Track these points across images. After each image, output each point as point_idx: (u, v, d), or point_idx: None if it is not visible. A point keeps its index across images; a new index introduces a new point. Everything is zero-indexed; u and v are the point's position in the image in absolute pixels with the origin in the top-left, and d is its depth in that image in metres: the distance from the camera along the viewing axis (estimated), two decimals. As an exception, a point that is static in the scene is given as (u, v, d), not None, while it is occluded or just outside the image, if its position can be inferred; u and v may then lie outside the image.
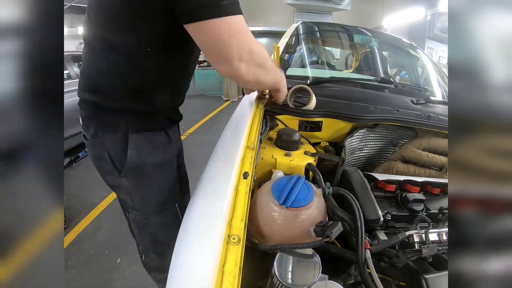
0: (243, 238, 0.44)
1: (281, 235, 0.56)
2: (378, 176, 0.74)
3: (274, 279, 0.47)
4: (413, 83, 1.77)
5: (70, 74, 3.04)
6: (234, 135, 0.75)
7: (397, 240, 0.55)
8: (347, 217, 0.58)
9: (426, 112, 1.02)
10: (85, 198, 2.32)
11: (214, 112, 5.30)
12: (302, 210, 0.56)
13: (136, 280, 1.55)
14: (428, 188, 0.74)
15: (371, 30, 2.01)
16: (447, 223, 0.61)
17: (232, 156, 0.64)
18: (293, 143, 0.83)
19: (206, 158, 0.68)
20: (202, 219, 0.50)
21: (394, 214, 0.64)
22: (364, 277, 0.50)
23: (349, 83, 1.33)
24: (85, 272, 1.59)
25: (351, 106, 1.00)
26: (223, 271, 0.39)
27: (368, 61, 2.01)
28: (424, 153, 0.93)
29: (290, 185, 0.58)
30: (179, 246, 0.47)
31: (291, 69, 1.48)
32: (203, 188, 0.59)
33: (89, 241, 1.84)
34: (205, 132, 4.19)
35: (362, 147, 1.02)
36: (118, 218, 2.08)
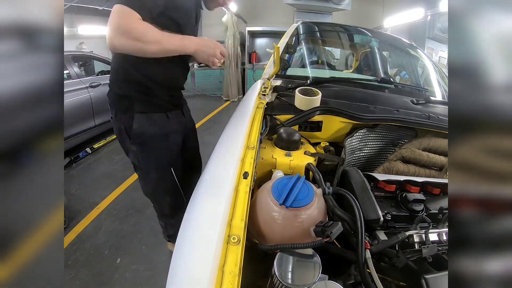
0: (243, 238, 0.44)
1: (281, 235, 0.56)
2: (378, 176, 0.74)
3: (274, 279, 0.47)
4: (413, 83, 1.76)
5: (70, 74, 3.04)
6: (234, 135, 0.75)
7: (397, 240, 0.55)
8: (347, 217, 0.58)
9: (426, 112, 1.02)
10: (85, 198, 2.32)
11: (214, 112, 5.30)
12: (302, 210, 0.56)
13: (136, 280, 1.55)
14: (428, 188, 0.74)
15: (371, 30, 2.01)
16: (447, 223, 0.61)
17: (232, 156, 0.64)
18: (293, 143, 0.83)
19: (206, 158, 0.68)
20: (202, 219, 0.50)
21: (394, 214, 0.64)
22: (364, 277, 0.50)
23: (349, 83, 1.33)
24: (85, 272, 1.59)
25: (351, 106, 1.00)
26: (223, 271, 0.39)
27: (368, 61, 2.01)
28: (424, 153, 0.93)
29: (290, 185, 0.58)
30: (179, 246, 0.47)
31: (291, 69, 1.48)
32: (203, 188, 0.59)
33: (89, 241, 1.84)
34: (205, 132, 4.19)
35: (362, 147, 1.02)
36: (118, 218, 2.08)
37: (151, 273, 1.59)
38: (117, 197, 2.36)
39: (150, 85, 1.00)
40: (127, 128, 1.02)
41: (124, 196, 2.37)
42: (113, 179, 2.61)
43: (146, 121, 1.02)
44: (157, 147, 1.06)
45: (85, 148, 3.13)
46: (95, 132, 3.28)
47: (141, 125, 1.01)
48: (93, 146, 3.24)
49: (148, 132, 1.03)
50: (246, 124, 0.79)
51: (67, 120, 2.72)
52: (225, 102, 6.18)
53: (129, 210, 2.17)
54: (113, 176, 2.67)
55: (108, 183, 2.55)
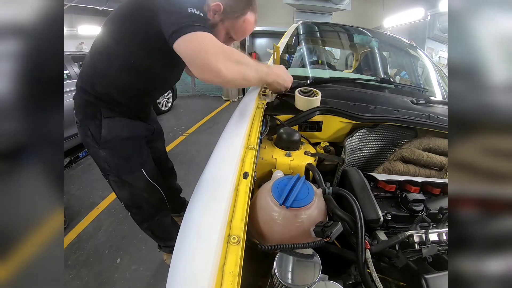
0: (243, 238, 0.44)
1: (281, 235, 0.56)
2: (378, 176, 0.74)
3: (274, 279, 0.47)
4: (413, 83, 1.76)
5: (70, 74, 3.04)
6: (234, 135, 0.75)
7: (397, 240, 0.55)
8: (347, 217, 0.58)
9: (426, 112, 1.02)
10: (85, 198, 2.32)
11: (214, 112, 5.30)
12: (302, 210, 0.56)
13: (136, 280, 1.55)
14: (428, 188, 0.74)
15: (371, 30, 2.01)
16: (447, 223, 0.61)
17: (232, 156, 0.64)
18: (293, 143, 0.83)
19: (206, 158, 0.68)
20: (202, 219, 0.50)
21: (394, 214, 0.64)
22: (364, 277, 0.50)
23: (349, 83, 1.33)
24: (85, 272, 1.59)
25: (351, 106, 1.00)
26: (223, 271, 0.39)
27: (368, 61, 2.01)
28: (424, 153, 0.93)
29: (290, 185, 0.58)
30: (179, 246, 0.47)
31: (291, 69, 1.48)
32: (203, 188, 0.59)
33: (89, 241, 1.84)
34: (205, 132, 4.19)
35: (362, 147, 1.02)
36: (118, 218, 2.08)
37: (151, 273, 1.59)
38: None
39: (117, 95, 0.99)
40: (94, 134, 1.01)
41: (124, 196, 2.37)
42: (113, 179, 2.60)
43: (114, 125, 1.01)
44: (128, 149, 1.07)
45: (85, 148, 3.12)
46: (95, 132, 3.28)
47: (110, 130, 1.00)
48: (93, 146, 3.23)
49: (118, 136, 1.02)
50: (246, 124, 0.79)
51: (67, 120, 2.72)
52: (225, 102, 6.18)
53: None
54: (113, 176, 2.66)
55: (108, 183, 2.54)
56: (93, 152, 1.07)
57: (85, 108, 1.00)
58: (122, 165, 1.08)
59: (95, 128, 1.00)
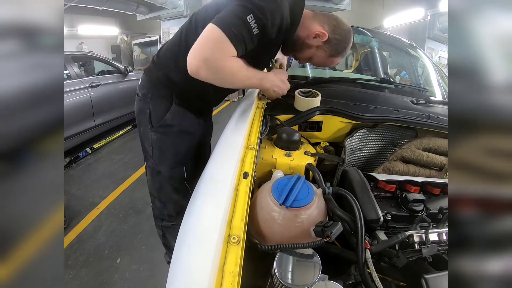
0: (243, 238, 0.44)
1: (281, 235, 0.56)
2: (378, 176, 0.74)
3: (274, 279, 0.47)
4: (413, 83, 1.76)
5: (70, 74, 3.04)
6: (234, 135, 0.75)
7: (397, 240, 0.55)
8: (347, 217, 0.58)
9: (426, 112, 1.02)
10: (85, 198, 2.33)
11: (214, 112, 5.30)
12: (302, 210, 0.56)
13: (136, 280, 1.55)
14: (428, 188, 0.74)
15: (371, 30, 2.01)
16: (447, 223, 0.61)
17: (232, 156, 0.64)
18: (293, 143, 0.83)
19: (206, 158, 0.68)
20: (202, 219, 0.50)
21: (394, 214, 0.64)
22: (364, 277, 0.50)
23: (349, 83, 1.33)
24: (85, 272, 1.59)
25: (351, 106, 1.00)
26: (223, 271, 0.39)
27: (368, 61, 2.01)
28: (424, 153, 0.93)
29: (290, 185, 0.58)
30: (179, 245, 0.47)
31: (291, 69, 1.48)
32: (203, 188, 0.59)
33: (89, 241, 1.84)
34: (205, 132, 4.19)
35: (362, 147, 1.02)
36: (118, 218, 2.08)
37: (151, 273, 1.59)
38: (117, 197, 2.36)
39: (191, 98, 1.00)
40: (152, 113, 0.99)
41: (124, 196, 2.37)
42: (113, 179, 2.61)
43: (180, 114, 1.00)
44: (180, 142, 1.05)
45: (85, 148, 3.14)
46: (95, 132, 3.28)
47: (174, 117, 0.99)
48: (93, 146, 3.24)
49: (179, 125, 1.01)
50: (246, 124, 0.79)
51: (67, 120, 2.73)
52: (225, 102, 6.18)
53: (129, 210, 2.17)
54: (113, 176, 2.67)
55: (108, 183, 2.55)
56: (143, 131, 1.05)
57: (157, 86, 0.99)
58: (166, 156, 1.05)
59: (160, 108, 0.98)
